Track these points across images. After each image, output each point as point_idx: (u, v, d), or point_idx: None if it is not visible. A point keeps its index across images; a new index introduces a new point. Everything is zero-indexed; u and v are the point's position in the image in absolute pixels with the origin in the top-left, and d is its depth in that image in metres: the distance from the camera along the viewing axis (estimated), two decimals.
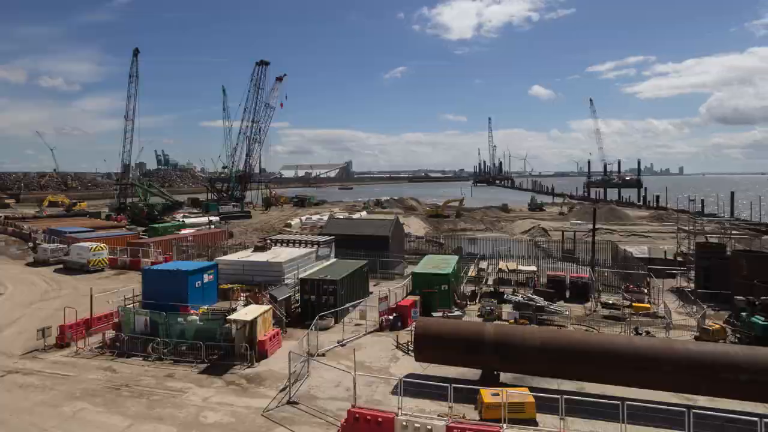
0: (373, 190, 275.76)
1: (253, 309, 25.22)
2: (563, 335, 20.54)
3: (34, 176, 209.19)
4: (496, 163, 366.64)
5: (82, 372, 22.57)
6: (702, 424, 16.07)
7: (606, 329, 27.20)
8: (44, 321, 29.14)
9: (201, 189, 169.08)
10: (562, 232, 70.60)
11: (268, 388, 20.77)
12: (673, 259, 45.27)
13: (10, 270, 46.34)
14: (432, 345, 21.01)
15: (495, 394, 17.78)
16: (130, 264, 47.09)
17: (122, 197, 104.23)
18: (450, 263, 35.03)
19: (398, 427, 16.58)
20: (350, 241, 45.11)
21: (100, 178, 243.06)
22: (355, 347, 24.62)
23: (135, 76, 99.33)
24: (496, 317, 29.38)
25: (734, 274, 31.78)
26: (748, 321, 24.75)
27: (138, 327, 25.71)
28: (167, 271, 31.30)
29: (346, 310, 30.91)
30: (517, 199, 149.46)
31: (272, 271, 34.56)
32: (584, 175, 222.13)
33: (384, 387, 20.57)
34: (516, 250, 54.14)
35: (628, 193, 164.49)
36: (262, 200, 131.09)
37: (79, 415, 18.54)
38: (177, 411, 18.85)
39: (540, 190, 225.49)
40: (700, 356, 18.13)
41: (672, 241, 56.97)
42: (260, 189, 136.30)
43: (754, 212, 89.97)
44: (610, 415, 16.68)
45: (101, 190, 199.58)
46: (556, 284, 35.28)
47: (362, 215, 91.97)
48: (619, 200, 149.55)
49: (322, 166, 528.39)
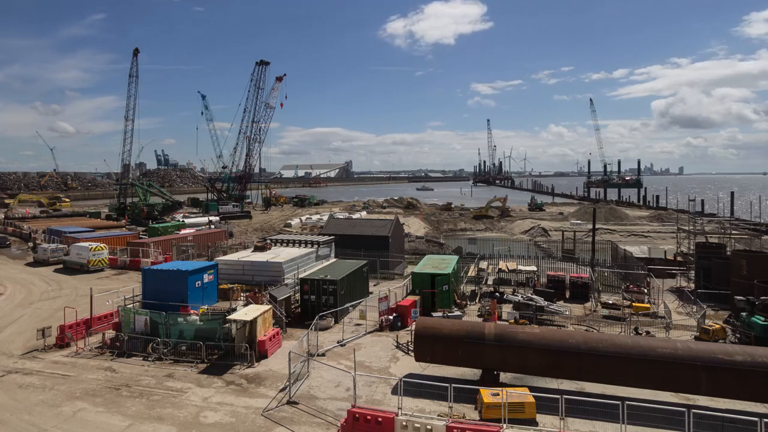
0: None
1: (253, 309, 25.21)
2: (563, 335, 20.52)
3: (34, 176, 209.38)
4: (496, 163, 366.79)
5: (82, 372, 22.57)
6: (702, 424, 16.07)
7: (606, 329, 27.21)
8: (44, 321, 29.18)
9: (201, 189, 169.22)
10: (562, 232, 70.74)
11: (268, 388, 20.77)
12: (673, 259, 45.29)
13: (10, 270, 46.34)
14: (432, 345, 20.99)
15: (495, 394, 17.78)
16: (130, 264, 47.12)
17: (122, 197, 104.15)
18: (450, 263, 35.02)
19: (398, 426, 16.57)
20: (350, 241, 45.15)
21: (100, 178, 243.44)
22: (355, 347, 24.64)
23: (135, 76, 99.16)
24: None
25: (734, 274, 31.77)
26: (747, 321, 24.74)
27: (138, 327, 25.71)
28: (167, 271, 31.30)
29: (346, 310, 30.92)
30: (516, 199, 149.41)
31: (272, 271, 34.58)
32: (584, 175, 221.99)
33: (384, 387, 20.57)
34: (516, 250, 54.23)
35: (628, 193, 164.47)
36: (262, 200, 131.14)
37: (78, 415, 18.54)
38: (177, 411, 18.85)
39: (540, 190, 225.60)
40: (700, 356, 18.13)
41: (672, 241, 57.04)
42: (260, 189, 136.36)
43: (754, 212, 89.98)
44: (610, 415, 16.66)
45: (101, 190, 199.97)
46: (556, 284, 35.30)
47: (362, 215, 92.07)
48: (619, 200, 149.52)
49: (322, 166, 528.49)
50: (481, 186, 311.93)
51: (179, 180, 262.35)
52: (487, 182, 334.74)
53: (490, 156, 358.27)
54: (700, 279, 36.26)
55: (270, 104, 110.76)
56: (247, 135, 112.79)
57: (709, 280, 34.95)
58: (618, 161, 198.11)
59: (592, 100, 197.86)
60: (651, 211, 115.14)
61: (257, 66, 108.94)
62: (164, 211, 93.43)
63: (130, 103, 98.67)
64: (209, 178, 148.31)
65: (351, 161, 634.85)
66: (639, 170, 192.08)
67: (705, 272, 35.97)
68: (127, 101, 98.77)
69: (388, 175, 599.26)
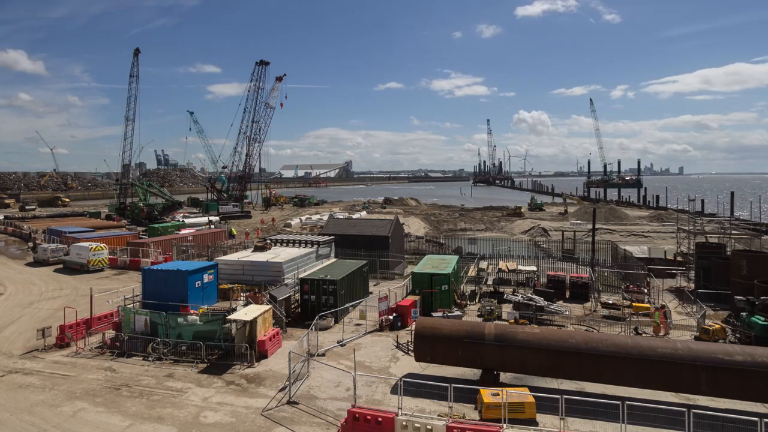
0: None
1: (253, 309, 25.21)
2: (563, 335, 20.52)
3: (34, 176, 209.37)
4: (496, 163, 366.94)
5: (82, 372, 22.57)
6: (702, 424, 16.07)
7: (606, 329, 27.21)
8: (44, 321, 29.19)
9: (201, 189, 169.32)
10: (562, 232, 70.80)
11: (268, 388, 20.76)
12: (673, 259, 45.28)
13: (10, 270, 46.34)
14: (432, 345, 20.99)
15: (495, 394, 17.77)
16: (130, 264, 47.13)
17: (122, 197, 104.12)
18: (450, 263, 35.01)
19: (398, 426, 16.57)
20: (350, 241, 45.17)
21: (100, 178, 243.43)
22: (355, 347, 24.65)
23: (135, 76, 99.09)
24: (496, 317, 29.39)
25: (734, 274, 31.77)
26: (747, 321, 24.74)
27: (138, 327, 25.71)
28: (167, 271, 31.30)
29: (346, 310, 30.92)
30: (515, 199, 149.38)
31: (272, 271, 34.57)
32: (584, 175, 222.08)
33: (384, 387, 20.56)
34: (516, 250, 54.25)
35: (628, 193, 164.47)
36: (262, 200, 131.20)
37: (79, 415, 18.54)
38: (177, 411, 18.85)
39: (540, 190, 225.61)
40: (700, 356, 18.13)
41: (672, 241, 57.06)
42: (260, 189, 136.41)
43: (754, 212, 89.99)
44: (610, 415, 16.66)
45: (101, 190, 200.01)
46: (556, 284, 35.30)
47: (362, 215, 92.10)
48: (619, 200, 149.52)
49: (322, 165, 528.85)
50: (481, 186, 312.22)
51: (179, 180, 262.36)
52: (487, 182, 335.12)
53: (490, 156, 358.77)
54: (700, 279, 36.26)
55: (270, 104, 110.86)
56: (247, 135, 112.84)
57: (709, 280, 34.95)
58: (618, 161, 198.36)
59: (591, 101, 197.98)
60: (651, 211, 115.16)
61: (257, 66, 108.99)
62: (164, 211, 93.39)
63: (130, 102, 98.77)
64: (209, 178, 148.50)
65: (351, 161, 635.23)
66: (639, 170, 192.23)
67: (705, 272, 35.97)
68: (127, 101, 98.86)
69: (388, 175, 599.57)
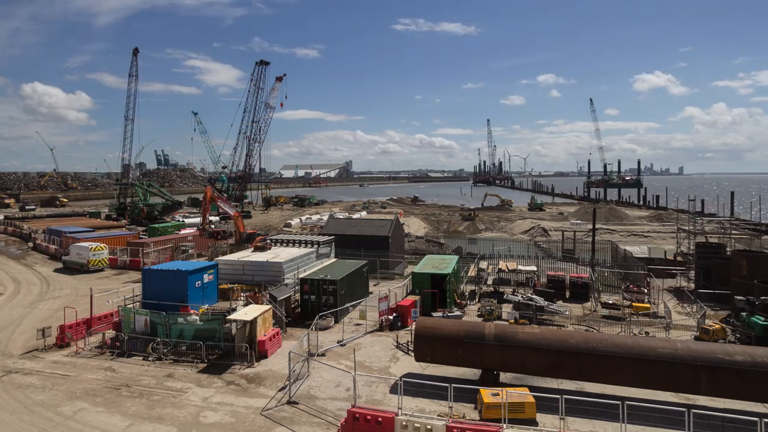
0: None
1: (253, 309, 25.21)
2: (563, 335, 20.52)
3: (34, 176, 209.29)
4: (496, 162, 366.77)
5: (82, 372, 22.57)
6: (702, 424, 16.08)
7: (606, 329, 27.21)
8: (44, 321, 29.18)
9: (201, 189, 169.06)
10: (562, 232, 70.78)
11: (268, 388, 20.76)
12: (673, 259, 45.27)
13: (10, 270, 46.34)
14: (432, 345, 20.99)
15: (495, 394, 17.77)
16: (130, 264, 47.11)
17: (122, 197, 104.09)
18: (450, 263, 35.02)
19: (398, 426, 16.57)
20: (350, 241, 45.14)
21: (100, 178, 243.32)
22: (355, 347, 24.64)
23: (135, 76, 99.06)
24: (496, 317, 29.39)
25: (734, 274, 31.77)
26: (747, 321, 24.75)
27: (138, 327, 25.70)
28: (167, 271, 31.29)
29: (346, 310, 30.91)
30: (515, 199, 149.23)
31: (272, 271, 34.54)
32: (584, 175, 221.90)
33: (384, 387, 20.56)
34: (516, 250, 54.23)
35: (628, 193, 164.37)
36: (262, 200, 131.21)
37: (78, 415, 18.53)
38: (177, 411, 18.85)
39: (540, 189, 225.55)
40: (700, 356, 18.12)
41: (672, 241, 57.04)
42: (260, 189, 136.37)
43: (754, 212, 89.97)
44: (610, 415, 16.67)
45: (101, 190, 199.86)
46: (556, 284, 35.29)
47: (362, 215, 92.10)
48: (619, 200, 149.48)
49: (322, 165, 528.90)
50: (481, 186, 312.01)
51: (179, 180, 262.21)
52: (487, 182, 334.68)
53: (490, 156, 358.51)
54: (700, 279, 36.27)
55: (270, 104, 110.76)
56: (247, 135, 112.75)
57: (709, 280, 34.94)
58: (618, 161, 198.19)
59: (591, 101, 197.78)
60: (651, 211, 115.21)
61: (257, 66, 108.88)
62: (164, 211, 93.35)
63: (129, 102, 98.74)
64: (209, 178, 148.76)
65: (351, 161, 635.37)
66: (639, 170, 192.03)
67: (705, 272, 35.97)
68: (127, 101, 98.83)
69: (388, 175, 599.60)
